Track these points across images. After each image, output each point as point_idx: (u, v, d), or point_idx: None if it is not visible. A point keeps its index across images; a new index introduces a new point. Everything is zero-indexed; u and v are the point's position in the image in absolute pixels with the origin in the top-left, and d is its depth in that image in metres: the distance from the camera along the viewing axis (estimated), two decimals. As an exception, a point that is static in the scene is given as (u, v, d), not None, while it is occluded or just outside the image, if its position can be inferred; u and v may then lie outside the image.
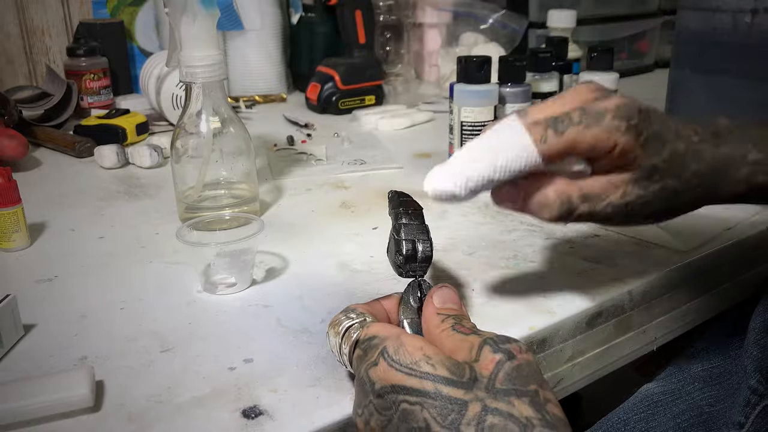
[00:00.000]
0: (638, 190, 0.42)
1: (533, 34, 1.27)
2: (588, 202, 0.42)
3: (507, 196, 0.43)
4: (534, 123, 0.40)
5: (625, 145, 0.41)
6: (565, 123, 0.40)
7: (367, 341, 0.38)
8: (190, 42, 0.63)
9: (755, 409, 0.53)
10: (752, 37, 0.80)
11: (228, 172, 0.68)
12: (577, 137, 0.40)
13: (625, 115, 0.41)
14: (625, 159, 0.41)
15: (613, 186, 0.42)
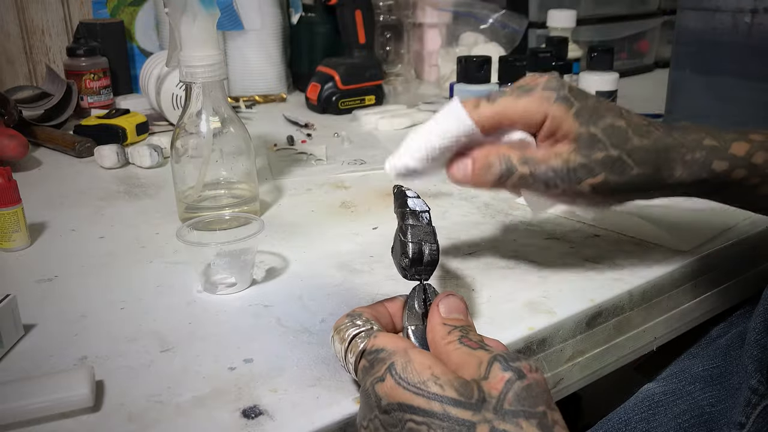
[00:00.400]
0: (581, 159, 0.44)
1: (533, 34, 1.27)
2: (528, 165, 0.45)
3: (457, 168, 0.46)
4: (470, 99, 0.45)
5: (555, 114, 0.44)
6: (498, 95, 0.45)
7: (374, 353, 0.37)
8: (190, 42, 0.63)
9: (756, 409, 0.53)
10: (752, 37, 0.80)
11: (228, 172, 0.68)
12: (508, 105, 0.44)
13: (554, 87, 0.44)
14: (559, 129, 0.44)
15: (554, 153, 0.45)
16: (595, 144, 0.44)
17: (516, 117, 0.45)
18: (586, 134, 0.44)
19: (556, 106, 0.44)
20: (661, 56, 1.47)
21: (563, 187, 0.45)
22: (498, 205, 0.71)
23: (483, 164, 0.45)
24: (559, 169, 0.45)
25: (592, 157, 0.44)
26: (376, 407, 0.35)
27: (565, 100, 0.44)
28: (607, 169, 0.45)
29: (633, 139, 0.45)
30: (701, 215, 0.67)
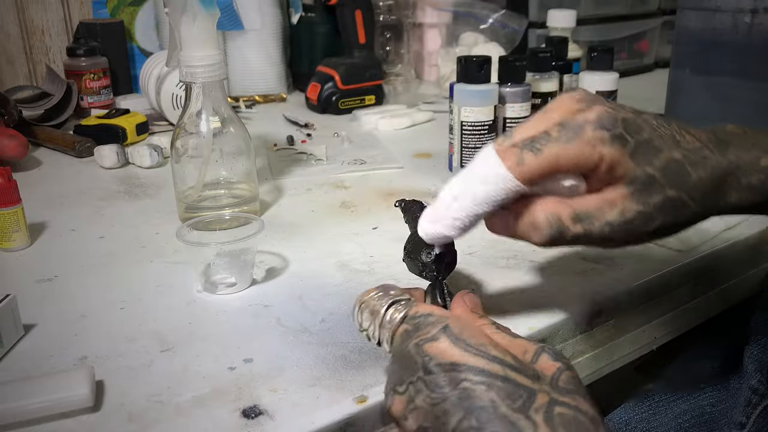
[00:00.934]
0: (637, 206, 0.39)
1: (533, 33, 1.27)
2: (581, 222, 0.39)
3: (499, 223, 0.41)
4: (509, 147, 0.38)
5: (611, 157, 0.38)
6: (542, 141, 0.38)
7: (421, 317, 0.37)
8: (190, 42, 0.63)
9: (756, 409, 0.53)
10: (752, 37, 0.80)
11: (228, 172, 0.68)
12: (557, 154, 0.38)
13: (607, 125, 0.38)
14: (614, 173, 0.38)
15: (608, 203, 0.39)
16: (653, 186, 0.39)
17: (568, 167, 0.38)
18: (643, 177, 0.38)
19: (611, 149, 0.38)
20: (661, 56, 1.47)
21: (620, 240, 0.40)
22: (498, 205, 0.71)
23: (529, 226, 0.40)
24: (616, 222, 0.39)
25: (650, 203, 0.39)
26: (420, 368, 0.34)
27: (620, 140, 0.38)
28: (666, 212, 0.39)
29: (692, 175, 0.39)
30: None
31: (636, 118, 0.39)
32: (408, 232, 0.46)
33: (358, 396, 0.41)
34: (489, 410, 0.32)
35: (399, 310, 0.39)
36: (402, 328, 0.38)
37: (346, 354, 0.46)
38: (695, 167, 0.39)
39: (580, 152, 0.38)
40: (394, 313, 0.39)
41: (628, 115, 0.39)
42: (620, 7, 1.38)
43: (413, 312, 0.38)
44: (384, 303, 0.40)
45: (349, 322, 0.49)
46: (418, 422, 0.34)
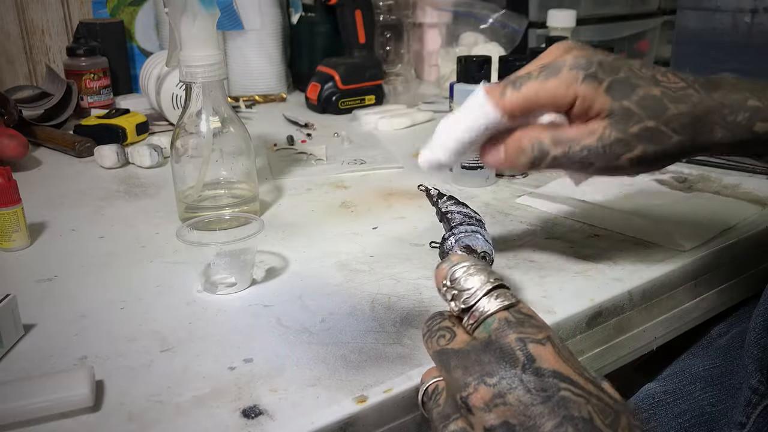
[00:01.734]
0: (616, 133, 0.43)
1: (533, 33, 1.27)
2: (561, 146, 0.44)
3: (490, 153, 0.46)
4: (494, 86, 0.44)
5: (585, 94, 0.42)
6: (524, 79, 0.44)
7: (525, 316, 0.37)
8: (190, 42, 0.63)
9: (756, 409, 0.53)
10: (752, 37, 0.80)
11: (228, 172, 0.68)
12: (535, 90, 0.43)
13: (582, 65, 0.43)
14: (591, 108, 0.43)
15: (587, 131, 0.44)
16: (631, 117, 0.43)
17: (544, 101, 0.44)
18: (619, 109, 0.43)
19: (585, 86, 0.43)
20: (661, 56, 1.47)
21: (600, 165, 0.44)
22: (498, 205, 0.71)
23: (515, 150, 0.45)
24: (594, 147, 0.43)
25: (629, 131, 0.43)
26: (520, 366, 0.34)
27: (593, 78, 0.43)
28: (645, 141, 0.43)
29: (670, 108, 0.43)
30: (701, 215, 0.67)
31: (614, 61, 0.44)
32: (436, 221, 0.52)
33: (358, 396, 0.41)
34: (587, 421, 0.32)
35: (508, 297, 0.38)
36: (504, 314, 0.37)
37: (346, 354, 0.46)
38: (675, 102, 0.43)
39: (556, 89, 0.43)
40: (502, 296, 0.37)
41: (606, 59, 0.44)
42: (620, 7, 1.38)
43: (520, 307, 0.37)
44: (493, 279, 0.38)
45: (349, 322, 0.50)
46: (501, 418, 0.33)
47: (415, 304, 0.52)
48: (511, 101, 0.44)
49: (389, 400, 0.42)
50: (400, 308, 0.51)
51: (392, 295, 0.53)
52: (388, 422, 0.42)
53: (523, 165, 0.45)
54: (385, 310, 0.51)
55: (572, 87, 0.43)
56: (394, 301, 0.52)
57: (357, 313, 0.51)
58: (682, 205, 0.69)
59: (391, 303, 0.52)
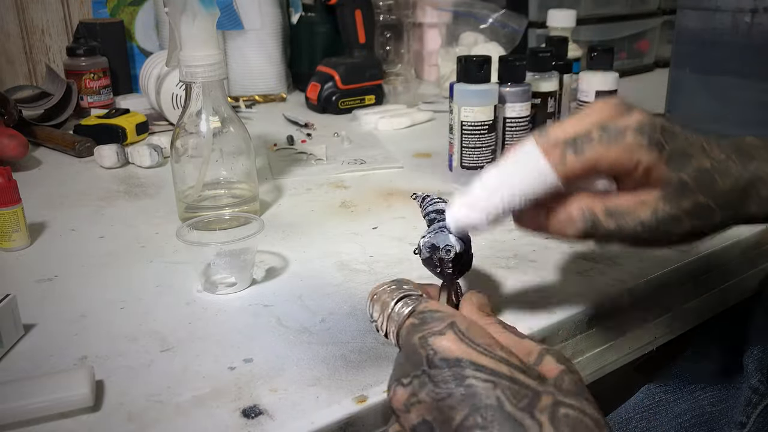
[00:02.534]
0: (669, 208, 0.40)
1: (533, 33, 1.27)
2: (614, 218, 0.40)
3: (530, 220, 0.42)
4: (552, 145, 0.39)
5: (648, 162, 0.39)
6: (584, 143, 0.39)
7: (429, 312, 0.37)
8: (190, 41, 0.63)
9: (756, 409, 0.53)
10: (752, 37, 0.80)
11: (228, 172, 0.68)
12: (598, 156, 0.39)
13: (647, 132, 0.39)
14: (649, 177, 0.40)
15: (641, 203, 0.40)
16: (684, 191, 0.40)
17: (606, 169, 0.40)
18: (676, 181, 0.40)
19: (648, 155, 0.39)
20: (661, 56, 1.47)
21: (650, 239, 0.41)
22: (498, 205, 0.71)
23: (564, 219, 0.41)
24: (648, 221, 0.40)
25: (682, 207, 0.40)
26: (425, 362, 0.34)
27: (658, 146, 0.39)
28: (694, 217, 0.40)
29: (718, 183, 0.41)
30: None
31: (671, 126, 0.40)
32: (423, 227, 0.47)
33: (358, 396, 0.41)
34: (495, 408, 0.32)
35: (408, 305, 0.39)
36: (409, 321, 0.38)
37: (346, 354, 0.46)
38: (722, 176, 0.41)
39: (620, 156, 0.39)
40: (403, 307, 0.39)
41: (665, 123, 0.40)
42: (620, 6, 1.38)
43: (422, 307, 0.38)
44: (395, 296, 0.40)
45: (349, 322, 0.50)
46: (420, 416, 0.34)
47: (415, 304, 0.52)
48: (572, 168, 0.39)
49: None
50: (400, 308, 0.51)
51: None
52: (387, 423, 0.42)
53: (569, 236, 0.41)
54: (385, 310, 0.51)
55: (636, 154, 0.39)
56: (394, 301, 0.52)
57: (357, 313, 0.51)
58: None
59: (391, 303, 0.52)
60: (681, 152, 0.40)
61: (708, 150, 0.41)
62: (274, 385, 0.43)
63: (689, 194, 0.40)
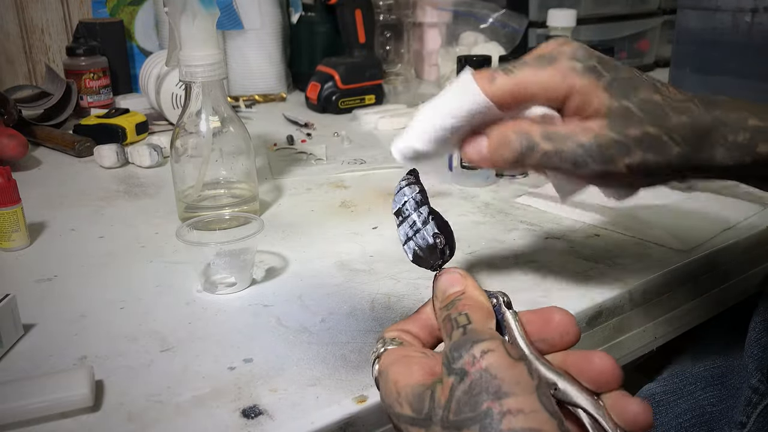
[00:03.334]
0: (613, 134, 0.39)
1: (533, 33, 1.27)
2: (552, 141, 0.39)
3: (472, 147, 0.41)
4: (485, 71, 0.40)
5: (583, 87, 0.39)
6: (515, 66, 0.39)
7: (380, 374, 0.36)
8: (189, 41, 0.62)
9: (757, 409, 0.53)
10: (752, 37, 0.80)
11: (228, 172, 0.68)
12: (528, 77, 0.39)
13: (580, 57, 0.39)
14: (588, 104, 0.39)
15: (582, 128, 0.39)
16: (630, 119, 0.39)
17: (537, 91, 0.39)
18: (619, 108, 0.39)
19: (583, 79, 0.39)
20: (662, 56, 1.47)
21: (595, 168, 0.39)
22: (498, 205, 0.71)
23: (500, 141, 0.40)
24: (589, 145, 0.39)
25: (628, 134, 0.39)
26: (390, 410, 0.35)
27: (593, 71, 0.39)
28: (645, 147, 0.39)
29: (671, 117, 0.39)
30: (701, 215, 0.67)
31: (614, 61, 0.41)
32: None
33: (358, 396, 0.41)
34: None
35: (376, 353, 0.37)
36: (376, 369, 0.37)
37: (345, 354, 0.46)
38: (676, 112, 0.40)
39: (551, 78, 0.39)
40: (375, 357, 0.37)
41: (605, 57, 0.41)
42: (620, 6, 1.38)
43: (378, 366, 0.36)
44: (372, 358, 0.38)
45: (348, 322, 0.50)
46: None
47: (415, 303, 0.52)
48: (501, 87, 0.39)
49: (389, 400, 0.42)
50: (400, 308, 0.51)
51: (392, 295, 0.53)
52: (388, 422, 0.42)
53: (506, 160, 0.40)
54: (385, 310, 0.51)
55: (569, 78, 0.39)
56: (394, 301, 0.52)
57: (357, 313, 0.51)
58: (682, 205, 0.69)
59: (391, 303, 0.52)
60: (624, 81, 0.40)
61: (660, 88, 0.41)
62: (274, 385, 0.43)
63: (635, 122, 0.39)
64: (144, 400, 0.41)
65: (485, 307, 0.36)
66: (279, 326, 0.49)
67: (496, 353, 0.31)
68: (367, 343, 0.47)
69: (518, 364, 0.31)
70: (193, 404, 0.41)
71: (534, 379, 0.30)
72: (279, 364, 0.45)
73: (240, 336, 0.48)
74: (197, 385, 0.43)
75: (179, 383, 0.43)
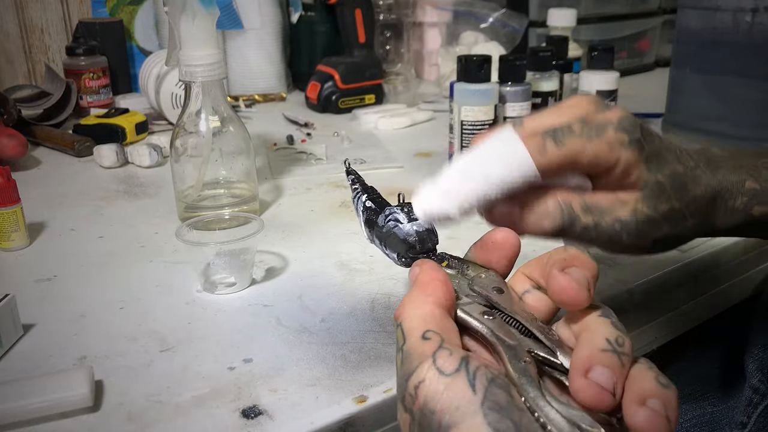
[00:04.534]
0: (648, 210, 0.38)
1: (533, 33, 1.27)
2: (592, 214, 0.38)
3: (503, 214, 0.38)
4: (532, 134, 0.36)
5: (627, 160, 0.37)
6: (565, 134, 0.36)
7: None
8: (189, 41, 0.62)
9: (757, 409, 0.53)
10: (753, 37, 0.80)
11: (227, 172, 0.68)
12: (579, 149, 0.36)
13: (628, 129, 0.37)
14: (628, 177, 0.38)
15: (621, 202, 0.38)
16: (662, 194, 0.38)
17: (585, 164, 0.37)
18: (654, 183, 0.38)
19: (629, 153, 0.37)
20: (662, 55, 1.47)
21: (626, 242, 0.39)
22: (498, 205, 0.71)
23: (540, 213, 0.38)
24: (627, 221, 0.38)
25: (659, 210, 0.38)
26: None
27: (638, 145, 0.37)
28: (669, 222, 0.39)
29: (691, 190, 0.40)
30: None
31: (651, 129, 0.39)
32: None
33: (358, 396, 0.41)
34: None
35: None
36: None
37: (345, 354, 0.46)
38: (693, 183, 0.40)
39: (601, 150, 0.37)
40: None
41: (646, 126, 0.39)
42: (621, 6, 1.38)
43: None
44: None
45: (349, 322, 0.49)
46: None
47: (415, 303, 0.52)
48: (551, 159, 0.36)
49: (389, 400, 0.42)
50: (400, 308, 0.51)
51: (392, 295, 0.53)
52: (388, 422, 0.42)
53: (545, 231, 0.38)
54: (385, 310, 0.51)
55: (615, 151, 0.37)
56: (394, 301, 0.52)
57: (357, 313, 0.51)
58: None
59: (391, 303, 0.52)
60: (658, 154, 0.39)
61: (680, 155, 0.40)
62: (274, 385, 0.42)
63: (665, 198, 0.39)
64: (144, 400, 0.41)
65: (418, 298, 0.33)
66: (279, 326, 0.49)
67: (426, 382, 0.29)
68: (367, 343, 0.47)
69: (454, 381, 0.29)
70: (192, 404, 0.41)
71: (476, 393, 0.28)
72: (279, 364, 0.45)
73: (240, 336, 0.48)
74: (197, 385, 0.43)
75: (179, 383, 0.43)
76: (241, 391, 0.42)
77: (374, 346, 0.46)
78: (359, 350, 0.46)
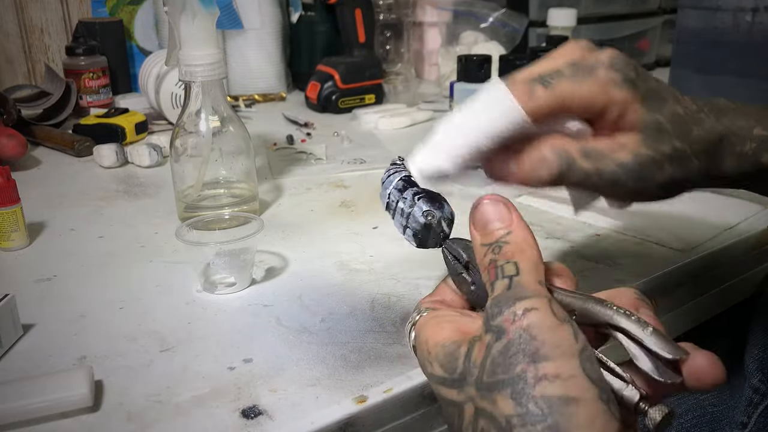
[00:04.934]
0: (648, 151, 0.37)
1: (533, 32, 1.27)
2: (592, 159, 0.37)
3: (500, 166, 0.38)
4: (519, 82, 0.36)
5: (622, 100, 0.36)
6: (553, 77, 0.36)
7: (416, 339, 0.36)
8: (189, 41, 0.62)
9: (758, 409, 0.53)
10: (753, 36, 0.80)
11: (227, 172, 0.68)
12: (568, 91, 0.36)
13: (620, 68, 0.36)
14: (624, 118, 0.37)
15: (619, 145, 0.37)
16: (662, 134, 0.37)
17: (576, 105, 0.36)
18: (652, 123, 0.37)
19: (623, 92, 0.36)
20: (662, 55, 1.47)
21: (630, 186, 0.38)
22: (498, 205, 0.71)
23: (536, 159, 0.37)
24: (628, 163, 0.37)
25: (660, 150, 0.37)
26: None
27: (631, 84, 0.36)
28: (673, 163, 0.38)
29: (693, 129, 0.38)
30: (701, 215, 0.67)
31: (644, 70, 0.39)
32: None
33: (358, 396, 0.41)
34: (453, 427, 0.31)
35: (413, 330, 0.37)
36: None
37: (345, 354, 0.46)
38: (695, 125, 0.39)
39: (592, 91, 0.36)
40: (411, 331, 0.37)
41: (640, 66, 0.38)
42: (621, 6, 1.38)
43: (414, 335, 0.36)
44: (408, 327, 0.38)
45: (349, 322, 0.49)
46: None
47: (414, 303, 0.52)
48: (540, 103, 0.35)
49: (389, 400, 0.42)
50: (400, 308, 0.51)
51: (392, 295, 0.53)
52: (388, 422, 0.42)
53: (542, 179, 0.37)
54: (385, 309, 0.51)
55: (608, 92, 0.36)
56: (394, 301, 0.52)
57: (357, 313, 0.51)
58: (683, 205, 0.69)
59: (391, 303, 0.52)
60: (655, 94, 0.38)
61: (680, 98, 0.39)
62: (274, 385, 0.42)
63: (667, 138, 0.37)
64: (143, 400, 0.41)
65: (535, 255, 0.33)
66: (279, 326, 0.49)
67: (539, 312, 0.29)
68: (367, 343, 0.47)
69: (563, 326, 0.29)
70: (192, 404, 0.41)
71: (578, 342, 0.29)
72: (279, 364, 0.45)
73: (240, 336, 0.48)
74: (197, 385, 0.43)
75: (179, 383, 0.43)
76: (241, 391, 0.42)
77: (374, 346, 0.46)
78: (359, 350, 0.46)
